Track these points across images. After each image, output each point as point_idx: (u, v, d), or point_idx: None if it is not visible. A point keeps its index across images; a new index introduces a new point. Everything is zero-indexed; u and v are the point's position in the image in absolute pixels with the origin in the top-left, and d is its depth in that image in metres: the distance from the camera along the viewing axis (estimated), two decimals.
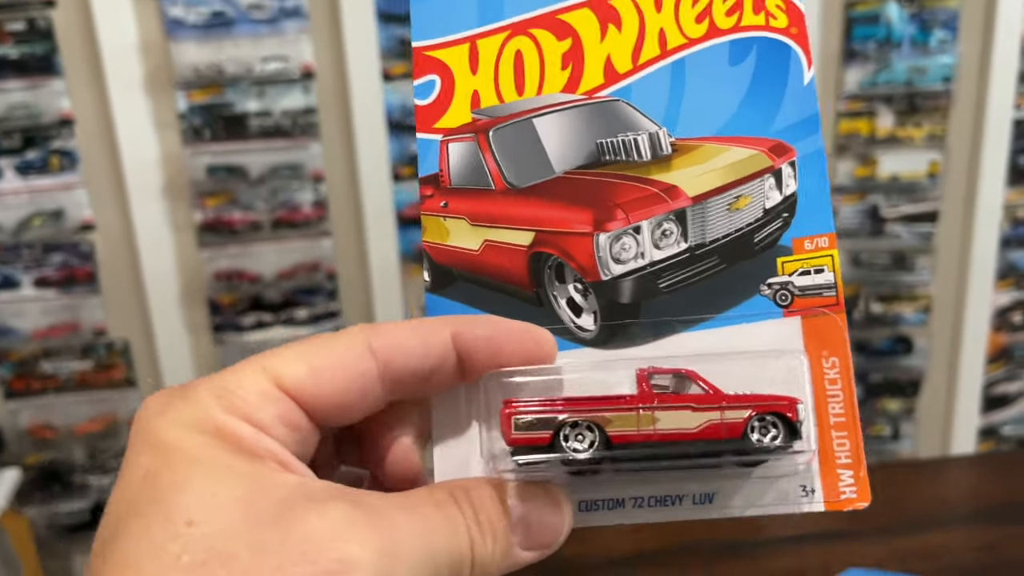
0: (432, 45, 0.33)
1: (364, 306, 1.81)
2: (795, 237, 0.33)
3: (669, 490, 0.32)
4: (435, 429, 0.33)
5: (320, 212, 1.73)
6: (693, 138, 0.33)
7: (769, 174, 0.33)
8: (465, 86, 0.33)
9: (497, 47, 0.33)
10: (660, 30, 0.33)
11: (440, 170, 0.34)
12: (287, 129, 1.66)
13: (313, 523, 0.28)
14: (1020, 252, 1.94)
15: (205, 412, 0.30)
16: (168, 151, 1.66)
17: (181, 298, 1.75)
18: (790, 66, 0.33)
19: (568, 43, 0.33)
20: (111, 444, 1.82)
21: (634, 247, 0.33)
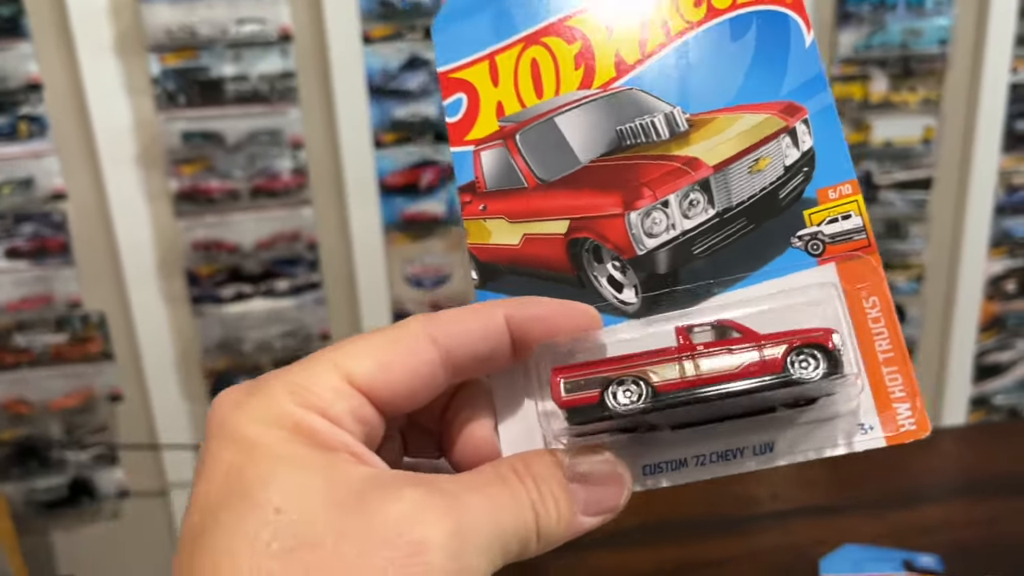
0: (455, 67, 0.37)
1: (346, 277, 1.77)
2: (818, 188, 0.34)
3: (729, 444, 0.33)
4: (497, 407, 0.35)
5: (300, 180, 1.68)
6: (706, 112, 0.35)
7: (784, 134, 0.35)
8: (489, 99, 0.36)
9: (514, 59, 0.36)
10: (664, 22, 0.35)
11: (475, 177, 0.37)
12: (264, 94, 1.61)
13: (389, 509, 0.30)
14: (1014, 219, 1.91)
15: (281, 408, 0.32)
16: (141, 117, 1.61)
17: (158, 269, 1.70)
18: (790, 32, 0.35)
19: (578, 45, 0.36)
20: (88, 419, 1.78)
21: (664, 220, 0.35)
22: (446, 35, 0.37)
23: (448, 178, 1.73)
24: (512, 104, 0.36)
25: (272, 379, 0.32)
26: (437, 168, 1.71)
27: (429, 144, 1.70)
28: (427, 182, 1.72)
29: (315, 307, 1.77)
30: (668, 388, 0.31)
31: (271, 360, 1.78)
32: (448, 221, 1.75)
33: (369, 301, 1.77)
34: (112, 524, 1.88)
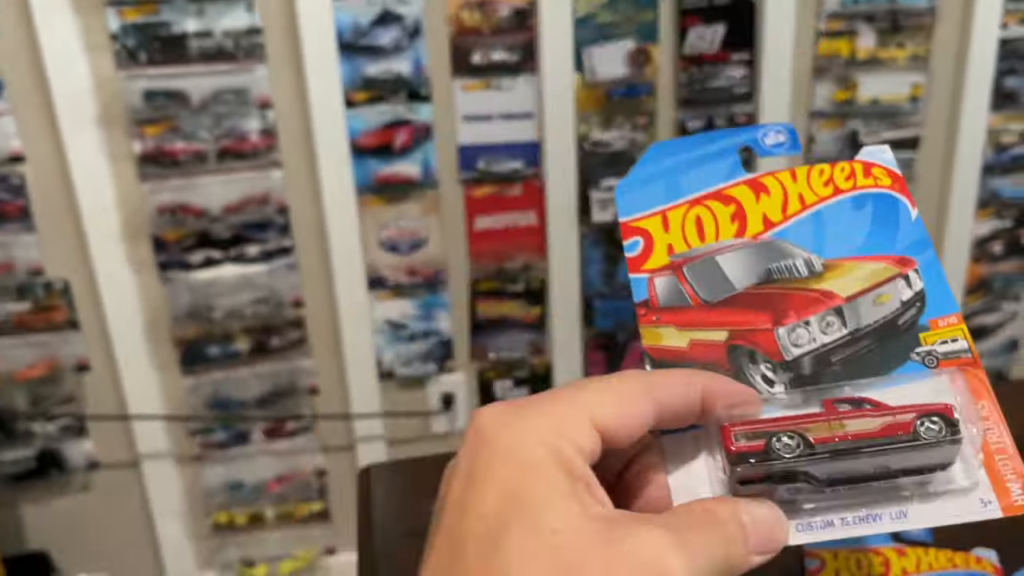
0: (634, 218, 0.47)
1: (318, 242, 1.71)
2: (930, 318, 0.44)
3: (870, 510, 0.40)
4: (668, 460, 0.41)
5: (269, 141, 1.62)
6: (837, 259, 0.46)
7: (900, 277, 0.45)
8: (661, 242, 0.47)
9: (681, 215, 0.47)
10: (799, 194, 0.47)
11: (649, 297, 0.46)
12: (230, 51, 1.54)
13: (638, 541, 0.35)
14: (1002, 179, 1.87)
15: (546, 435, 0.36)
16: (101, 75, 1.54)
17: (122, 234, 1.64)
18: (899, 208, 0.47)
19: (733, 208, 0.47)
20: (55, 390, 1.73)
21: (806, 335, 0.44)
22: (627, 196, 0.48)
23: (423, 138, 1.67)
24: (680, 245, 0.47)
25: (532, 406, 0.37)
26: (411, 128, 1.66)
27: (403, 103, 1.64)
28: (401, 142, 1.66)
29: (287, 273, 1.71)
30: (821, 441, 0.39)
31: (242, 328, 1.73)
32: (423, 183, 1.70)
33: (343, 267, 1.72)
34: (83, 496, 1.83)
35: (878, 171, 0.48)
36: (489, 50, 1.63)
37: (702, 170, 0.48)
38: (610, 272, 1.83)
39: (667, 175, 0.48)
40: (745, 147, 0.49)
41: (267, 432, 1.83)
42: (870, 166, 0.48)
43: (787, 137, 0.49)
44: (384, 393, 1.85)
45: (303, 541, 1.91)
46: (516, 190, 1.74)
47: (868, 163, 0.48)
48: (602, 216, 1.72)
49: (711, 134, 0.49)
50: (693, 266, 0.46)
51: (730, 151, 0.48)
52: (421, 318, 1.82)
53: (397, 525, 0.74)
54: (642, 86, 1.67)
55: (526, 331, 1.86)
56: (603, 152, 1.72)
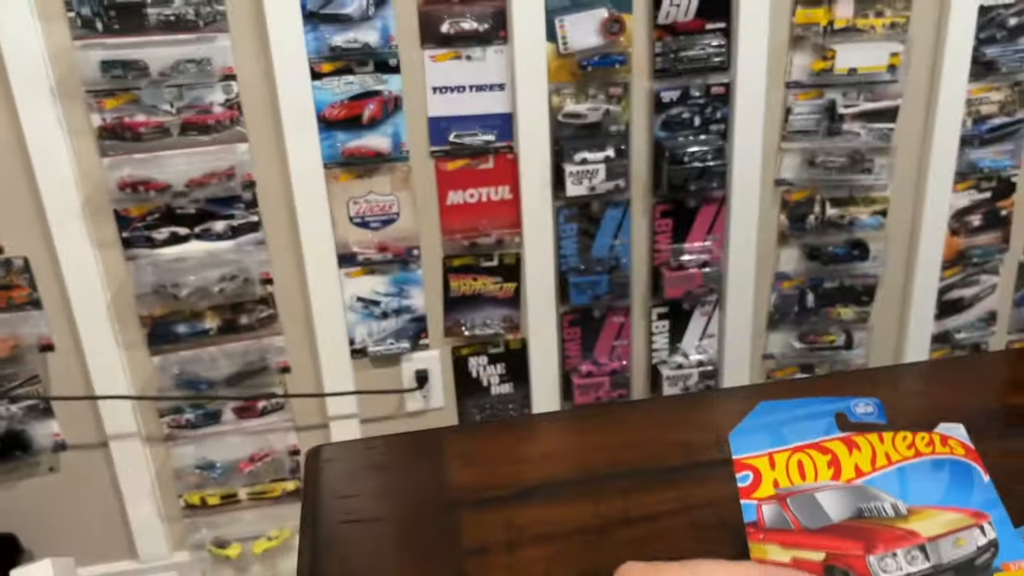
0: (746, 456, 0.56)
1: (287, 217, 1.67)
2: (1003, 562, 0.51)
3: None
4: None
5: (233, 114, 1.57)
6: (919, 506, 0.54)
7: (976, 527, 0.53)
8: (768, 477, 0.56)
9: (785, 458, 0.57)
10: (885, 452, 0.57)
11: (757, 519, 0.54)
12: (190, 20, 1.49)
13: None
14: (982, 151, 1.85)
15: None
16: (56, 45, 1.49)
17: (83, 210, 1.59)
18: (973, 473, 0.56)
19: (829, 457, 0.57)
20: (17, 370, 1.69)
21: (893, 564, 0.51)
22: (740, 439, 0.57)
23: (392, 110, 1.63)
24: (784, 481, 0.56)
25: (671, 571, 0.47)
26: (380, 99, 1.62)
27: (371, 74, 1.60)
28: (370, 115, 1.62)
29: (255, 249, 1.68)
30: None
31: (210, 306, 1.69)
32: (393, 157, 1.66)
33: (312, 243, 1.68)
34: (50, 478, 1.80)
35: (953, 443, 0.58)
36: (458, 19, 1.59)
37: (804, 426, 0.59)
38: (585, 247, 1.80)
39: (774, 427, 0.58)
40: (839, 413, 0.59)
41: (238, 411, 1.80)
42: (946, 438, 0.58)
43: (875, 409, 0.61)
44: (357, 371, 1.83)
45: (277, 520, 1.89)
46: (488, 163, 1.71)
47: (945, 435, 0.58)
48: (577, 189, 1.69)
49: (811, 401, 0.60)
50: (796, 498, 0.55)
51: (827, 414, 0.59)
52: (393, 295, 1.79)
53: (343, 509, 0.72)
54: (616, 56, 1.64)
55: (501, 307, 1.84)
56: (577, 124, 1.69)
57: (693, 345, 1.94)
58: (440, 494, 0.70)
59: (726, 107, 1.72)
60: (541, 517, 0.67)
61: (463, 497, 0.70)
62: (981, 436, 0.77)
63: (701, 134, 1.74)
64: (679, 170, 1.71)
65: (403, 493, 0.72)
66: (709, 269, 1.83)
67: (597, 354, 1.91)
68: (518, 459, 0.75)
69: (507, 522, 0.67)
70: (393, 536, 0.67)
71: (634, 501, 0.67)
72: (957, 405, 0.86)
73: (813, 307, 1.93)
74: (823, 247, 1.86)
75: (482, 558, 0.63)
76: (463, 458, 0.75)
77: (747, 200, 1.79)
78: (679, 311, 1.90)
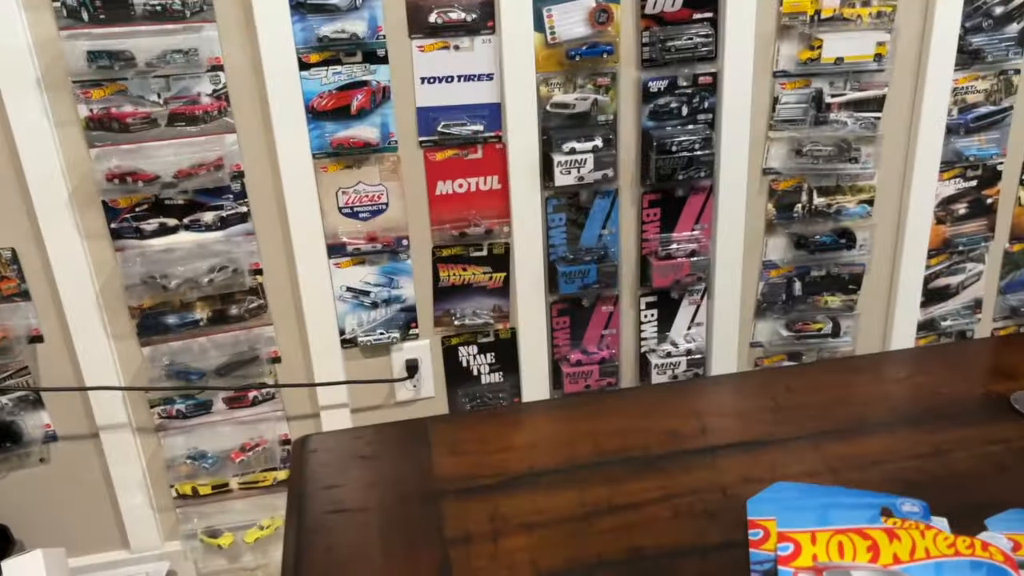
0: (790, 531, 0.63)
1: (276, 208, 1.67)
2: None
3: None
4: None
5: (221, 104, 1.57)
6: None
7: None
8: (808, 550, 0.62)
9: (827, 537, 0.63)
10: (925, 547, 0.61)
11: None
12: (177, 9, 1.49)
13: None
14: (966, 139, 1.86)
15: None
16: (41, 35, 1.48)
17: (71, 201, 1.59)
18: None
19: (869, 542, 0.62)
20: (6, 362, 1.69)
21: None
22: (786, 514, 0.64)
23: (381, 100, 1.63)
24: (823, 556, 0.61)
25: None
26: (368, 90, 1.61)
27: (359, 64, 1.59)
28: (358, 105, 1.62)
29: (244, 240, 1.68)
30: None
31: (200, 296, 1.69)
32: (382, 147, 1.66)
33: (301, 233, 1.69)
34: (41, 469, 1.80)
35: (993, 549, 0.62)
36: (446, 9, 1.59)
37: (849, 513, 0.65)
38: (574, 236, 1.81)
39: (821, 509, 0.65)
40: (885, 507, 0.65)
41: (229, 401, 1.81)
42: (987, 544, 0.63)
43: (920, 509, 0.67)
44: (348, 360, 1.83)
45: (268, 509, 1.90)
46: (477, 153, 1.71)
47: (986, 542, 0.63)
48: (565, 179, 1.70)
49: (862, 493, 0.67)
50: (833, 572, 0.61)
51: (874, 507, 0.66)
52: (383, 285, 1.79)
53: (329, 499, 0.73)
54: (604, 46, 1.64)
55: (490, 296, 1.84)
56: (565, 113, 1.69)
57: (681, 333, 1.95)
58: (425, 483, 0.71)
59: (713, 96, 1.73)
60: (526, 506, 0.68)
61: (448, 486, 0.71)
62: (965, 422, 0.78)
63: (689, 123, 1.75)
64: (667, 159, 1.72)
65: (389, 483, 0.73)
66: (697, 258, 1.84)
67: (586, 343, 1.92)
68: (504, 448, 0.75)
69: (492, 511, 0.68)
70: (378, 525, 0.67)
71: (618, 489, 0.68)
72: (942, 391, 0.87)
73: (800, 295, 1.94)
74: (810, 236, 1.87)
75: (466, 547, 0.64)
76: (449, 447, 0.76)
77: (735, 189, 1.80)
78: (667, 300, 1.91)
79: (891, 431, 0.81)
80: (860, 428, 0.80)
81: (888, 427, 0.82)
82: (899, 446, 0.79)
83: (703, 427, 0.72)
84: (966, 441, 0.79)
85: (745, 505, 0.65)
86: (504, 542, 0.64)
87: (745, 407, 0.78)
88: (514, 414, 0.85)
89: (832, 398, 0.83)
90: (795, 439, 0.75)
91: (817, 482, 0.70)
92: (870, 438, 0.79)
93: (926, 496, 0.71)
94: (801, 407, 0.80)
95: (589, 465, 0.72)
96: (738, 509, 0.65)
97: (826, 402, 0.82)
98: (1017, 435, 0.78)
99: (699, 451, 0.69)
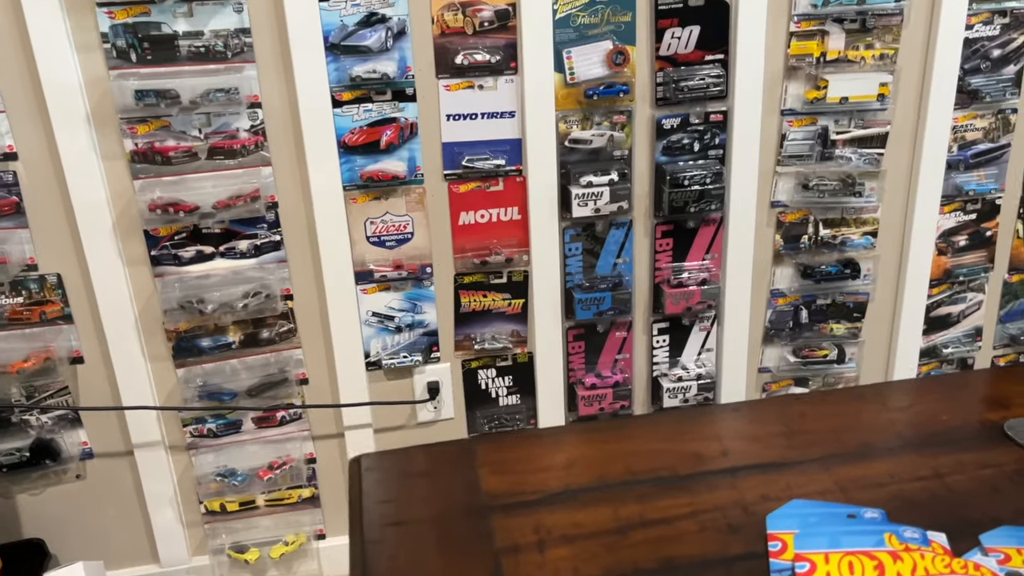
0: (807, 552, 0.71)
1: (307, 236, 1.76)
2: None
3: None
4: None
5: (258, 139, 1.66)
6: None
7: None
8: (823, 568, 0.71)
9: (839, 558, 0.71)
10: (924, 567, 0.71)
11: None
12: (219, 51, 1.58)
13: None
14: (966, 175, 1.95)
15: None
16: (92, 74, 1.57)
17: (115, 230, 1.68)
18: None
19: (876, 562, 0.71)
20: (48, 381, 1.77)
21: None
22: (804, 540, 0.73)
23: (409, 136, 1.72)
24: (835, 573, 0.70)
25: None
26: (397, 126, 1.70)
27: (388, 102, 1.68)
28: (387, 140, 1.71)
29: (277, 267, 1.76)
30: None
31: (234, 320, 1.77)
32: (409, 180, 1.75)
33: (331, 261, 1.77)
34: (77, 485, 1.88)
35: (984, 570, 0.72)
36: (472, 51, 1.68)
37: (858, 538, 0.74)
38: (590, 265, 1.89)
39: (833, 536, 0.74)
40: (890, 534, 0.73)
41: (258, 421, 1.88)
42: (979, 565, 0.72)
43: (919, 535, 0.75)
44: (372, 382, 1.91)
45: (293, 526, 1.97)
46: (499, 186, 1.80)
47: (978, 563, 0.72)
48: (582, 211, 1.78)
49: (869, 521, 0.76)
50: None
51: (880, 533, 0.75)
52: (407, 310, 1.87)
53: (386, 512, 0.80)
54: (620, 85, 1.73)
55: (509, 322, 1.92)
56: (583, 149, 1.78)
57: (692, 359, 2.03)
58: (474, 499, 0.79)
59: (724, 133, 1.82)
60: (566, 520, 0.75)
61: (494, 502, 0.78)
62: (962, 447, 0.86)
63: (700, 158, 1.83)
64: (679, 192, 1.80)
65: (440, 498, 0.81)
66: (708, 286, 1.92)
67: (600, 367, 1.99)
68: (543, 467, 0.83)
69: (536, 524, 0.75)
70: (434, 536, 0.75)
71: (649, 506, 0.76)
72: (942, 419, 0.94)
73: (807, 323, 2.02)
74: (816, 266, 1.96)
75: (516, 556, 0.71)
76: (493, 466, 0.83)
77: (744, 221, 1.88)
78: (679, 326, 1.99)
79: (895, 455, 0.89)
80: (867, 452, 0.88)
81: (892, 451, 0.90)
82: (902, 469, 0.86)
83: (724, 450, 0.80)
84: (963, 465, 0.87)
85: (764, 520, 0.73)
86: (549, 552, 0.71)
87: (762, 432, 0.86)
88: (551, 437, 0.92)
89: (841, 424, 0.91)
90: (808, 461, 0.83)
91: (828, 500, 0.78)
92: (876, 461, 0.87)
93: (927, 514, 0.79)
94: (813, 432, 0.88)
95: (621, 484, 0.79)
96: (758, 524, 0.73)
97: (836, 428, 0.90)
98: (1009, 460, 0.86)
99: (721, 471, 0.77)
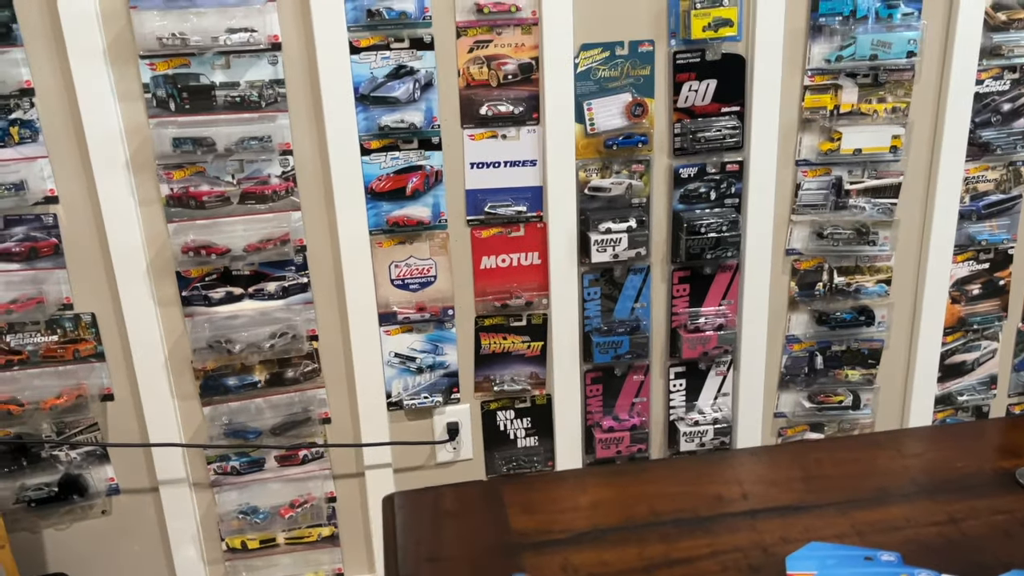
0: (802, 572, 0.73)
1: (334, 279, 1.81)
2: None
3: None
4: None
5: (288, 185, 1.72)
6: None
7: None
8: None
9: None
10: None
11: None
12: (254, 101, 1.65)
13: None
14: (978, 225, 1.98)
15: None
16: (132, 122, 1.64)
17: (148, 271, 1.73)
18: None
19: None
20: (78, 418, 1.81)
21: None
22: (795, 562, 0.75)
23: (434, 183, 1.77)
24: None
25: None
26: (422, 173, 1.76)
27: (415, 150, 1.74)
28: (413, 187, 1.76)
29: (303, 308, 1.81)
30: None
31: (260, 360, 1.82)
32: (433, 225, 1.80)
33: (356, 303, 1.81)
34: (102, 521, 1.91)
35: None
36: (496, 102, 1.74)
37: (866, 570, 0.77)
38: (608, 309, 1.93)
39: None
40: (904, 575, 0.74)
41: (281, 459, 1.92)
42: None
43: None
44: (392, 422, 1.94)
45: (312, 564, 1.99)
46: (520, 231, 1.84)
47: None
48: (601, 256, 1.82)
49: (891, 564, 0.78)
50: None
51: (896, 575, 0.76)
52: (428, 351, 1.91)
53: (420, 550, 0.83)
54: (639, 136, 1.78)
55: (528, 364, 1.96)
56: (602, 197, 1.83)
57: (708, 403, 2.05)
58: (504, 537, 0.82)
59: (740, 183, 1.86)
60: (593, 559, 0.78)
61: (524, 540, 0.82)
62: (976, 494, 0.88)
63: (717, 207, 1.88)
64: (696, 240, 1.84)
65: (471, 536, 0.84)
66: (724, 331, 1.95)
67: (618, 410, 2.02)
68: (570, 508, 0.86)
69: (564, 562, 0.78)
70: (467, 573, 0.78)
71: (673, 546, 0.79)
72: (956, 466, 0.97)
73: (822, 368, 2.04)
74: (831, 312, 1.99)
75: None
76: (522, 506, 0.87)
77: (759, 268, 1.92)
78: (695, 370, 2.02)
79: (910, 501, 0.92)
80: (883, 497, 0.91)
81: (907, 497, 0.93)
82: (918, 514, 0.89)
83: (744, 493, 0.83)
84: (976, 511, 0.90)
85: (784, 561, 0.76)
86: None
87: (780, 476, 0.89)
88: (574, 478, 0.96)
89: (858, 470, 0.94)
90: (825, 505, 0.86)
91: (846, 543, 0.80)
92: (892, 506, 0.89)
93: (942, 558, 0.81)
94: (830, 478, 0.91)
95: (646, 524, 0.82)
96: (778, 564, 0.76)
97: (852, 474, 0.93)
98: (1021, 506, 0.89)
99: (742, 514, 0.80)
